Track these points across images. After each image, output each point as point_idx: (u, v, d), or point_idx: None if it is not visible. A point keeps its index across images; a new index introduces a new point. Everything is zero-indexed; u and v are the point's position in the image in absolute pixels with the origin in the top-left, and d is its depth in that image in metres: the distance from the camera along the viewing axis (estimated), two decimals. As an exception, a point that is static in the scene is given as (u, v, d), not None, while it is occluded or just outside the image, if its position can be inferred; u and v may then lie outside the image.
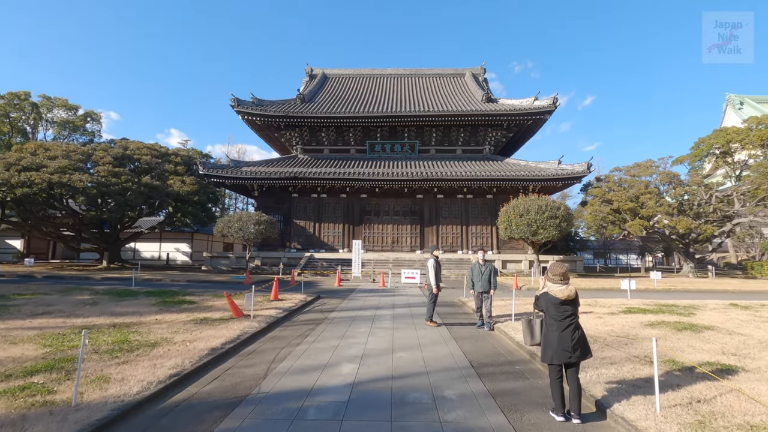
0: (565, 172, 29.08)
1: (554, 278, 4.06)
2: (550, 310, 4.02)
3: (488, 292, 8.84)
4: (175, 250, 38.63)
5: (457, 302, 12.83)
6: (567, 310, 3.97)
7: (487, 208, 31.74)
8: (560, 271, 4.07)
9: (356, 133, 34.15)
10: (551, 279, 4.09)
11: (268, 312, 9.46)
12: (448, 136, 34.39)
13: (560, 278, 4.04)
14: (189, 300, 10.86)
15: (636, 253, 58.20)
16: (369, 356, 6.07)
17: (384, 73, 42.97)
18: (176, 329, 7.24)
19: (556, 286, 4.02)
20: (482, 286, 8.82)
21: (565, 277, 4.06)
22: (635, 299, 12.79)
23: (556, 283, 4.04)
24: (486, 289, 8.83)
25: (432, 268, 8.85)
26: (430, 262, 8.97)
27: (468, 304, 11.75)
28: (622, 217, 27.39)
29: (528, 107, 31.10)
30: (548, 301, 4.02)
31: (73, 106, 29.76)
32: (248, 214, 24.63)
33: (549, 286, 4.09)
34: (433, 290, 8.80)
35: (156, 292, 12.42)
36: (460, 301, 12.71)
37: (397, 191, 31.48)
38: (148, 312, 8.98)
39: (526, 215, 22.32)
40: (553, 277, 4.07)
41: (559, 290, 3.97)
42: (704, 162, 31.82)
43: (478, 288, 8.86)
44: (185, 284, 17.03)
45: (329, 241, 31.47)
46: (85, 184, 21.87)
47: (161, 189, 25.37)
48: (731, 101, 52.47)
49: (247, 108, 31.40)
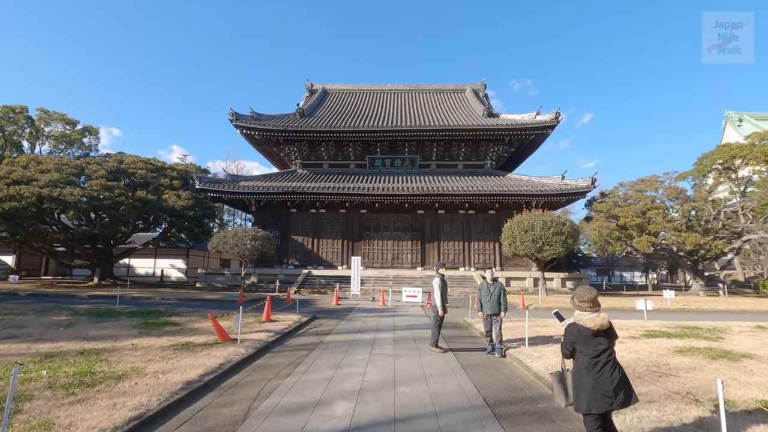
0: (569, 187, 28.49)
1: (582, 305, 3.40)
2: (581, 345, 3.31)
3: (498, 314, 8.04)
4: (170, 266, 37.75)
5: (462, 324, 12.01)
6: (601, 343, 3.28)
7: (489, 223, 31.04)
8: (589, 296, 3.39)
9: (356, 148, 33.70)
10: (579, 306, 3.43)
11: (258, 336, 8.65)
12: (449, 151, 33.94)
13: (590, 305, 3.37)
14: (173, 321, 10.05)
15: (640, 270, 57.25)
16: (367, 391, 5.28)
17: (384, 88, 42.86)
18: (151, 357, 6.45)
19: (586, 314, 3.36)
20: (491, 308, 8.02)
21: (596, 303, 3.40)
22: (652, 320, 11.97)
23: (584, 311, 3.39)
24: (496, 311, 8.03)
25: (438, 287, 8.05)
26: (436, 281, 8.16)
27: (475, 326, 10.93)
28: (628, 233, 26.71)
29: (530, 122, 30.72)
30: (579, 334, 3.32)
31: (71, 120, 29.40)
32: (244, 230, 23.92)
33: (577, 314, 3.42)
34: (439, 312, 8.01)
35: (140, 312, 11.61)
36: (466, 323, 11.89)
37: (397, 206, 30.83)
38: (125, 336, 8.18)
39: (531, 231, 21.61)
40: (580, 303, 3.42)
41: (590, 319, 3.30)
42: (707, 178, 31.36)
43: (487, 310, 8.07)
44: (174, 303, 16.19)
45: (328, 257, 30.67)
46: (77, 198, 21.21)
47: (155, 203, 24.72)
48: (730, 118, 52.42)
49: (245, 122, 31.00)
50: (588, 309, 3.36)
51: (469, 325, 11.42)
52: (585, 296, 3.39)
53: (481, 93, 40.99)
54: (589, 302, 3.36)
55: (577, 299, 3.44)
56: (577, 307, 3.44)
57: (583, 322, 3.30)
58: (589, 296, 3.38)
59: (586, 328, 3.27)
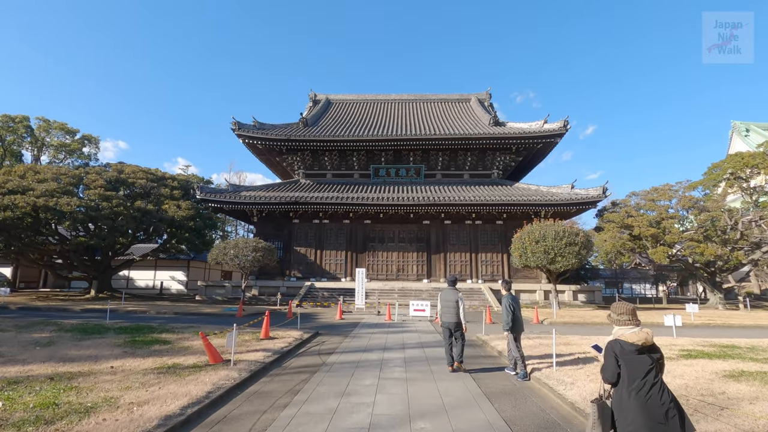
0: (579, 196, 27.66)
1: (621, 319, 3.12)
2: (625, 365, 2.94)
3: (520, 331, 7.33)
4: (170, 278, 36.98)
5: (476, 341, 11.13)
6: (646, 362, 2.91)
7: (497, 234, 30.17)
8: (627, 308, 3.14)
9: (360, 158, 33.12)
10: (617, 320, 3.15)
11: (255, 356, 7.83)
12: (455, 161, 33.28)
13: (629, 317, 3.10)
14: (163, 339, 9.25)
15: (650, 282, 55.96)
16: (379, 428, 4.45)
17: (388, 98, 42.49)
18: (130, 383, 5.64)
19: (627, 328, 3.05)
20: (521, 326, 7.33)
21: (635, 316, 3.13)
22: (682, 337, 11.05)
23: (624, 325, 3.09)
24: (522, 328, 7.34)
25: (462, 303, 7.43)
26: (460, 295, 7.56)
27: (490, 344, 10.06)
28: (641, 243, 25.79)
29: (538, 130, 30.05)
30: (622, 351, 2.97)
31: (71, 129, 29.03)
32: (245, 240, 23.18)
33: (617, 330, 3.11)
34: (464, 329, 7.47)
35: (130, 328, 10.81)
36: (480, 340, 11.01)
37: (402, 217, 30.07)
38: (107, 356, 7.38)
39: (543, 242, 20.75)
40: (618, 317, 3.15)
41: (633, 333, 2.99)
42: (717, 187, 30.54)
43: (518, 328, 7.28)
44: (170, 318, 15.38)
45: (331, 269, 29.82)
46: (73, 208, 20.59)
47: (154, 214, 24.07)
48: (737, 128, 51.82)
49: (248, 131, 30.52)
50: (628, 323, 3.08)
51: (484, 343, 10.55)
52: (623, 309, 3.15)
53: (486, 102, 40.51)
54: (628, 315, 3.10)
55: (615, 313, 3.19)
56: (615, 321, 3.16)
57: (626, 337, 3.00)
58: (627, 309, 3.14)
59: (629, 344, 2.96)
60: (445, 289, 7.72)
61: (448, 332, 7.44)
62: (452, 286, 7.78)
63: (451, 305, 7.40)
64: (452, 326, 7.35)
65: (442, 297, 7.59)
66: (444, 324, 7.42)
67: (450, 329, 7.39)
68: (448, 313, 7.36)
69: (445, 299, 7.50)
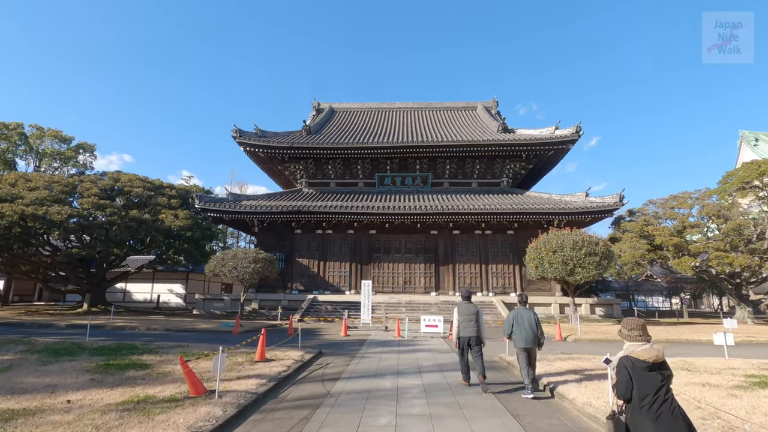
0: (595, 205, 26.41)
1: (631, 334, 3.17)
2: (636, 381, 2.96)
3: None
4: (168, 291, 35.77)
5: (499, 362, 9.85)
6: (657, 379, 2.95)
7: (508, 244, 28.86)
8: (638, 324, 3.19)
9: (365, 166, 32.10)
10: (628, 336, 3.19)
11: (246, 384, 6.58)
12: (463, 169, 32.19)
13: (640, 333, 3.14)
14: (142, 362, 8.01)
15: (663, 294, 54.20)
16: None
17: (393, 106, 41.66)
18: (81, 427, 4.41)
19: (637, 344, 3.11)
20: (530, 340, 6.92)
21: (646, 331, 3.17)
22: (736, 358, 9.67)
23: (635, 341, 3.14)
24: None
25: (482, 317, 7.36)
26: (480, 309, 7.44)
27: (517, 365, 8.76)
28: (662, 254, 24.43)
29: (549, 136, 28.97)
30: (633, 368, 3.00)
31: (67, 137, 28.23)
32: (244, 251, 22.02)
33: (628, 346, 3.16)
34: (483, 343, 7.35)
35: (109, 348, 9.58)
36: (504, 361, 9.73)
37: (409, 227, 28.86)
38: (68, 385, 6.16)
39: (561, 252, 19.44)
40: (629, 333, 3.19)
41: (643, 350, 3.03)
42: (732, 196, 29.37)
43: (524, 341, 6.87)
44: (159, 335, 14.13)
45: (335, 281, 28.53)
46: (63, 217, 19.53)
47: (150, 223, 22.97)
48: (746, 138, 51.01)
49: (249, 139, 29.60)
50: (638, 339, 3.14)
51: (510, 365, 9.25)
52: (634, 325, 3.20)
53: (493, 110, 39.57)
54: (639, 330, 3.16)
55: (626, 329, 3.24)
56: (626, 337, 3.23)
57: (637, 354, 3.05)
58: (638, 324, 3.19)
59: (641, 361, 3.01)
60: (461, 303, 7.55)
61: (467, 346, 7.26)
62: (468, 300, 7.64)
63: (471, 319, 7.27)
64: (472, 341, 7.21)
65: (460, 311, 7.39)
66: (462, 338, 7.25)
67: (468, 343, 7.23)
68: (469, 328, 7.22)
69: (465, 313, 7.33)
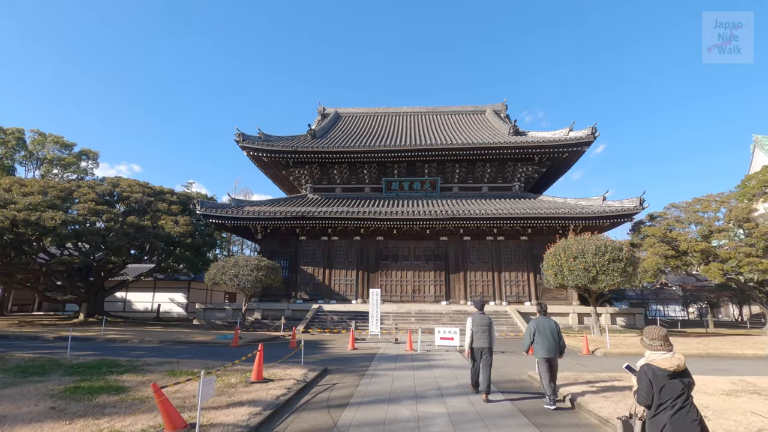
0: (613, 209, 25.12)
1: (653, 343, 3.17)
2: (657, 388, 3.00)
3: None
4: (169, 300, 34.76)
5: (528, 381, 8.65)
6: (678, 386, 2.99)
7: (521, 251, 27.61)
8: (660, 333, 3.19)
9: (371, 170, 31.11)
10: (650, 345, 3.20)
11: (236, 414, 5.47)
12: (473, 173, 31.09)
13: (661, 343, 3.14)
14: (119, 385, 6.92)
15: (678, 303, 52.47)
16: None
17: (400, 111, 40.77)
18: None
19: (659, 353, 3.12)
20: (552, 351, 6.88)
21: (668, 341, 3.17)
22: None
23: (656, 350, 3.15)
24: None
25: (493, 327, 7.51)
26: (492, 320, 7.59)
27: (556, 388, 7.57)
28: (687, 260, 23.06)
29: (563, 138, 27.80)
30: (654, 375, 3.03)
31: (68, 143, 27.57)
32: (246, 258, 20.97)
33: (649, 355, 3.18)
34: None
35: (88, 366, 8.51)
36: (533, 380, 8.53)
37: (417, 233, 27.74)
38: (19, 416, 5.08)
39: (582, 258, 18.20)
40: (651, 342, 3.19)
41: (665, 359, 3.06)
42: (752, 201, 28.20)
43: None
44: (152, 348, 13.05)
45: (341, 290, 27.39)
46: (57, 222, 18.63)
47: (148, 230, 22.05)
48: (759, 142, 50.08)
49: (252, 143, 28.73)
50: (660, 348, 3.15)
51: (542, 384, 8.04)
52: (656, 334, 3.21)
53: (502, 114, 38.53)
54: (660, 340, 3.17)
55: (647, 338, 3.26)
56: (647, 346, 3.24)
57: (658, 362, 3.08)
58: (659, 334, 3.20)
59: (662, 369, 3.05)
60: (475, 314, 7.68)
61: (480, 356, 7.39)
62: (481, 310, 7.78)
63: (485, 330, 7.40)
64: (485, 351, 7.34)
65: (475, 322, 7.50)
66: (476, 348, 7.40)
67: (481, 353, 7.36)
68: (483, 338, 7.34)
69: (479, 324, 7.46)
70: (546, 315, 7.30)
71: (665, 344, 3.13)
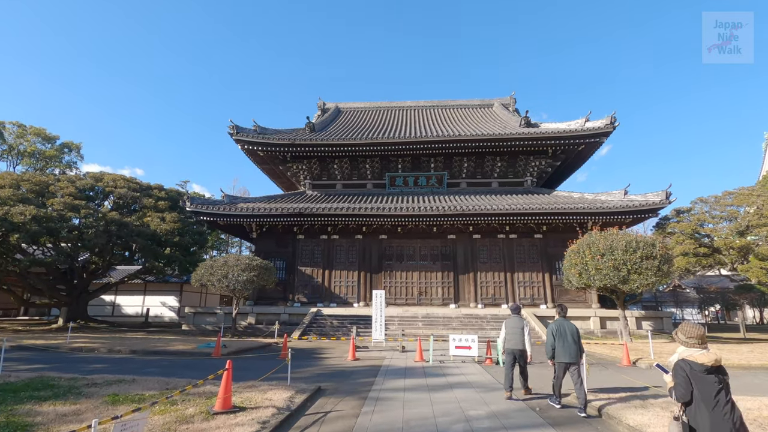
0: (637, 203, 23.14)
1: (689, 341, 3.15)
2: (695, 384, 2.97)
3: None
4: (161, 304, 32.91)
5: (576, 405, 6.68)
6: (716, 382, 2.96)
7: (536, 250, 25.63)
8: (698, 332, 3.16)
9: (374, 165, 29.24)
10: (686, 342, 3.17)
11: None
12: (482, 167, 29.17)
13: (698, 341, 3.11)
14: (25, 421, 5.00)
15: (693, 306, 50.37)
16: None
17: (403, 105, 38.89)
18: None
19: (695, 350, 3.09)
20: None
21: (704, 340, 3.14)
22: None
23: (692, 347, 3.12)
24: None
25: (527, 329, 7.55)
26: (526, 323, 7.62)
27: (615, 417, 5.63)
28: (718, 258, 21.09)
29: (579, 129, 25.84)
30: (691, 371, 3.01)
31: (51, 136, 25.84)
32: (236, 258, 19.10)
33: (684, 351, 3.15)
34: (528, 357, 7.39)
35: (13, 388, 6.61)
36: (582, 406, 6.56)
37: (423, 231, 25.81)
38: None
39: (610, 255, 16.22)
40: (687, 339, 3.16)
41: (702, 354, 3.03)
42: None
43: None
44: (117, 360, 11.14)
45: (341, 292, 25.46)
46: (27, 218, 16.81)
47: (131, 226, 20.21)
48: (771, 140, 49.10)
49: (247, 136, 26.90)
50: (697, 345, 3.12)
51: (607, 416, 6.08)
52: (693, 333, 3.18)
53: (510, 107, 36.62)
54: (697, 339, 3.13)
55: (684, 335, 3.21)
56: (683, 343, 3.20)
57: (695, 358, 3.05)
58: (697, 333, 3.17)
59: (699, 364, 3.01)
60: (511, 317, 7.81)
61: (512, 358, 7.44)
62: (517, 313, 7.89)
63: (517, 332, 7.47)
64: (517, 353, 7.39)
65: (508, 324, 7.70)
66: (509, 351, 7.47)
67: (515, 356, 7.41)
68: (514, 340, 7.43)
69: (512, 326, 7.60)
70: (565, 317, 7.05)
71: (701, 343, 3.10)
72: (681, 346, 3.19)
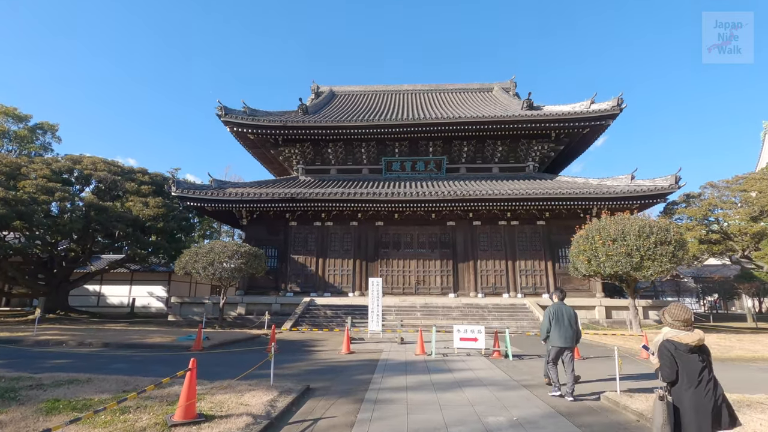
0: (644, 188, 22.13)
1: (675, 323, 3.18)
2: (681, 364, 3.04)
3: None
4: (148, 294, 31.69)
5: (610, 408, 5.65)
6: (700, 360, 3.06)
7: (538, 237, 24.64)
8: (685, 316, 3.18)
9: (369, 149, 27.99)
10: (672, 324, 3.21)
11: None
12: (482, 151, 28.02)
13: (683, 324, 3.15)
14: None
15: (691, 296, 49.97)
16: None
17: (400, 89, 37.46)
18: None
19: (680, 331, 3.13)
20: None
21: (690, 324, 3.18)
22: None
23: (678, 329, 3.15)
24: None
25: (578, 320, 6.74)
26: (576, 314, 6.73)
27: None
28: (729, 245, 20.22)
29: (584, 111, 24.71)
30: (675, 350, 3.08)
31: (23, 116, 24.18)
32: (223, 244, 17.91)
33: (668, 331, 3.21)
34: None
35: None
36: (618, 407, 5.53)
37: (421, 217, 24.72)
38: None
39: (622, 241, 15.24)
40: (673, 321, 3.19)
41: (687, 335, 3.10)
42: None
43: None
44: (83, 355, 10.00)
45: (335, 281, 24.39)
46: (-8, 201, 15.48)
47: (111, 211, 18.92)
48: (768, 130, 48.47)
49: (236, 118, 25.47)
50: (682, 328, 3.16)
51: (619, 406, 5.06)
52: (681, 316, 3.19)
53: (511, 91, 35.33)
54: (683, 322, 3.16)
55: (670, 317, 3.24)
56: (669, 324, 3.25)
57: (679, 338, 3.11)
58: (684, 316, 3.17)
59: (683, 344, 3.08)
60: (556, 304, 6.80)
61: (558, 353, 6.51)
62: (562, 299, 6.99)
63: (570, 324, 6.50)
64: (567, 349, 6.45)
65: (556, 312, 6.61)
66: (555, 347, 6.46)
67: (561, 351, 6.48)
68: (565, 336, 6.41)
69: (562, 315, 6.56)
70: (563, 301, 6.87)
71: (686, 326, 3.14)
72: (666, 327, 3.27)
